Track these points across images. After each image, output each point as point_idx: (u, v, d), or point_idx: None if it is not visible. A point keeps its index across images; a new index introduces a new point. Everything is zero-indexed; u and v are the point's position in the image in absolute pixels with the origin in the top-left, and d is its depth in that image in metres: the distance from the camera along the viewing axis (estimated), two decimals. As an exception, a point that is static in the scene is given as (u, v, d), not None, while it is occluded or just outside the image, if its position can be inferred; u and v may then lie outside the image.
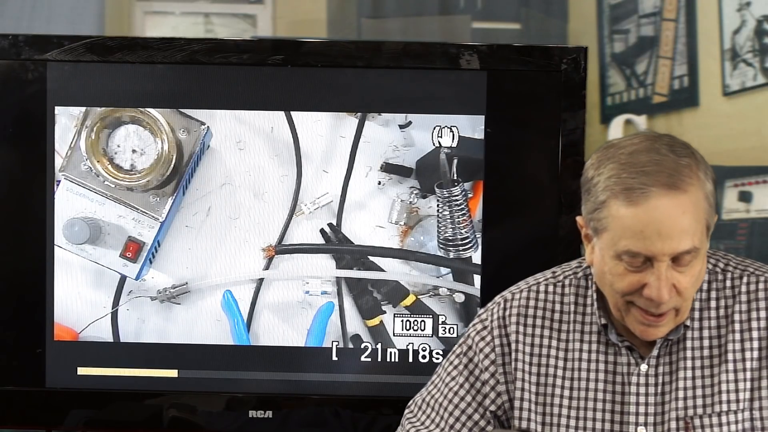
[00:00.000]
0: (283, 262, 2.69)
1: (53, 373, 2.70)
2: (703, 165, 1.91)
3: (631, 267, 1.89)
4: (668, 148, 1.89)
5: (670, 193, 1.85)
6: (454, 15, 3.10)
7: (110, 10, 3.12)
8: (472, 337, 2.12)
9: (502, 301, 2.11)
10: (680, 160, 1.88)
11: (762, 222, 2.95)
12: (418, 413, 2.15)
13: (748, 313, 1.98)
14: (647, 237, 1.85)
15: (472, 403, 2.10)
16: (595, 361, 2.03)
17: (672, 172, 1.86)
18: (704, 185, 1.89)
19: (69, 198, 2.66)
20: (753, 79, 2.93)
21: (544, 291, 2.09)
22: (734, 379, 1.97)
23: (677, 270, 1.88)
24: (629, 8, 3.02)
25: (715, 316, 1.99)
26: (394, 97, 2.66)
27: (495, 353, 2.08)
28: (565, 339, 2.05)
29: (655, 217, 1.84)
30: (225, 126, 2.67)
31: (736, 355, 1.97)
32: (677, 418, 1.97)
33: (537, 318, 2.07)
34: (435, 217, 2.68)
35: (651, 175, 1.85)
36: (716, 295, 2.00)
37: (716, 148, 2.97)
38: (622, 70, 3.04)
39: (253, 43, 2.75)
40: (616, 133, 3.02)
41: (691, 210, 1.86)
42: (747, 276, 2.01)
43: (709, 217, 1.90)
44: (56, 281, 2.68)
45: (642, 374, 1.99)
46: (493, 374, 2.08)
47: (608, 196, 1.88)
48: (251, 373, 2.70)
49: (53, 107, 2.66)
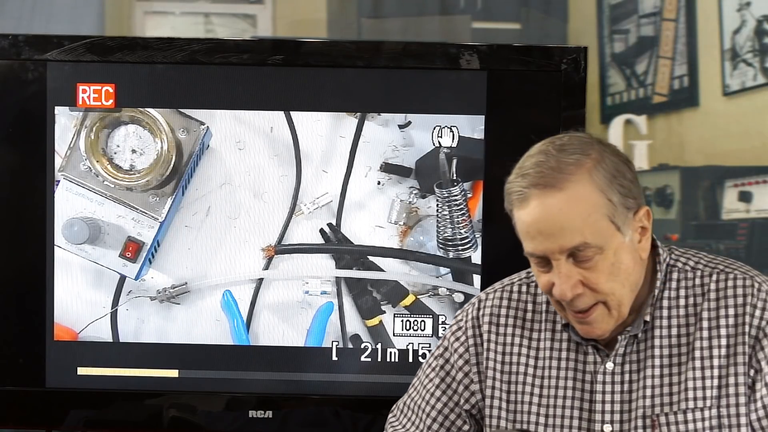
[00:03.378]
0: (283, 262, 2.69)
1: (53, 373, 2.70)
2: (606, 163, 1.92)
3: (539, 268, 1.94)
4: (559, 147, 1.92)
5: (545, 192, 1.88)
6: (454, 15, 3.10)
7: (110, 10, 3.13)
8: (448, 338, 2.14)
9: (477, 301, 2.13)
10: (566, 158, 1.90)
11: (762, 222, 2.95)
12: (399, 416, 2.18)
13: (717, 311, 1.98)
14: (533, 237, 1.90)
15: (449, 403, 2.11)
16: (565, 359, 2.03)
17: (550, 171, 1.89)
18: (598, 182, 1.90)
19: (68, 198, 2.66)
20: (753, 79, 2.93)
21: (517, 291, 2.11)
22: (701, 376, 1.96)
23: (582, 267, 1.90)
24: (629, 8, 3.03)
25: (684, 314, 2.00)
26: (394, 97, 2.66)
27: (469, 353, 2.10)
28: (537, 338, 2.07)
29: (534, 217, 1.89)
30: (225, 126, 2.67)
31: (703, 352, 1.97)
32: (644, 415, 1.97)
33: (509, 318, 2.09)
34: (434, 217, 2.68)
35: (528, 177, 1.90)
36: (685, 293, 2.00)
37: (716, 148, 2.97)
38: (622, 70, 3.04)
39: (253, 43, 2.75)
40: (616, 133, 3.03)
41: (572, 207, 1.88)
42: (716, 274, 2.01)
43: (611, 212, 1.90)
44: (56, 281, 2.68)
45: (608, 372, 2.00)
46: (467, 374, 2.10)
47: (508, 202, 1.95)
48: (251, 373, 2.70)
49: (53, 107, 2.66)
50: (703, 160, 3.01)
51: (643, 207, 1.96)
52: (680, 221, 3.06)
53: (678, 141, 3.01)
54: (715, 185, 3.00)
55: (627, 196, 1.92)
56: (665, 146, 3.00)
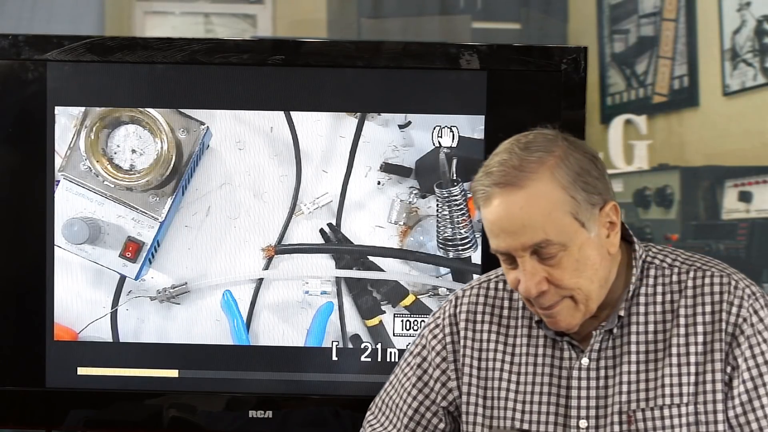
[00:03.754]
0: (283, 262, 2.69)
1: (53, 373, 2.70)
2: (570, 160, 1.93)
3: (506, 265, 1.96)
4: (522, 146, 1.94)
5: (505, 190, 1.90)
6: (454, 15, 3.10)
7: (110, 10, 3.13)
8: (426, 336, 2.14)
9: (454, 298, 2.14)
10: (528, 156, 1.92)
11: (762, 222, 2.95)
12: (377, 413, 2.18)
13: (694, 308, 1.99)
14: (497, 235, 1.92)
15: (425, 402, 2.12)
16: (542, 356, 2.04)
17: (511, 169, 1.91)
18: (556, 179, 1.91)
19: (68, 198, 2.66)
20: (753, 79, 2.93)
21: (494, 288, 2.12)
22: (678, 372, 1.97)
23: (546, 264, 1.92)
24: (629, 8, 3.03)
25: (661, 310, 2.00)
26: (394, 97, 2.66)
27: (446, 350, 2.10)
28: (513, 335, 2.07)
29: (495, 215, 1.91)
30: (225, 126, 2.67)
31: (680, 348, 1.97)
32: (620, 411, 1.97)
33: (485, 314, 2.10)
34: (434, 217, 2.68)
35: (490, 176, 1.92)
36: (662, 289, 2.01)
37: (716, 148, 2.98)
38: (622, 70, 3.04)
39: (253, 43, 2.75)
40: (616, 133, 3.03)
41: (532, 204, 1.90)
42: (694, 271, 2.01)
43: (574, 209, 1.91)
44: (56, 281, 2.68)
45: (583, 368, 2.00)
46: (444, 371, 2.10)
47: (474, 200, 1.97)
48: (251, 373, 2.70)
49: (53, 107, 2.66)
50: (703, 160, 3.01)
51: (610, 202, 1.96)
52: (680, 221, 3.06)
53: (678, 141, 3.01)
54: (715, 185, 3.00)
55: (591, 192, 1.93)
56: (665, 146, 3.00)
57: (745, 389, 1.96)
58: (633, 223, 3.15)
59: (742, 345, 1.96)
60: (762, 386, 1.96)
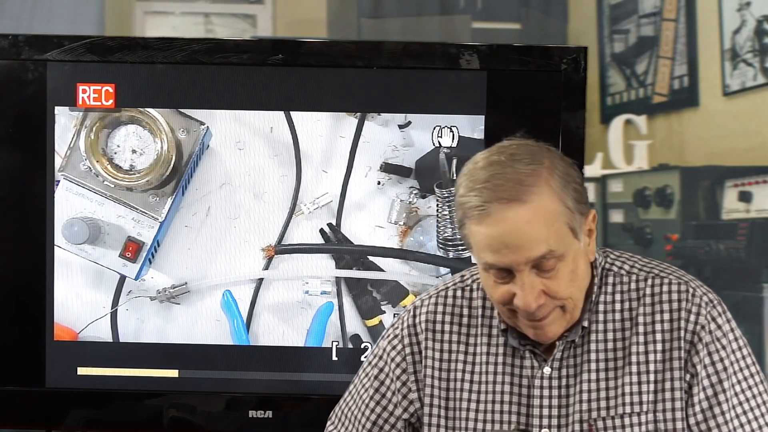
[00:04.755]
0: (283, 262, 2.69)
1: (53, 373, 2.70)
2: (561, 170, 1.91)
3: (498, 279, 1.91)
4: (513, 158, 1.91)
5: (511, 206, 1.86)
6: (454, 15, 3.10)
7: (110, 10, 3.13)
8: (383, 348, 2.12)
9: (413, 308, 2.11)
10: (524, 168, 1.89)
11: (762, 222, 2.95)
12: (337, 424, 2.16)
13: (652, 315, 1.98)
14: (498, 250, 1.87)
15: (383, 414, 2.09)
16: (502, 364, 2.02)
17: (512, 183, 1.88)
18: (556, 190, 1.89)
19: (68, 198, 2.67)
20: (753, 79, 2.93)
21: (452, 296, 2.08)
22: (638, 381, 1.96)
23: (543, 276, 1.89)
24: (629, 8, 3.03)
25: (620, 318, 1.99)
26: (394, 97, 2.66)
27: (406, 362, 2.08)
28: (473, 343, 2.05)
29: (499, 231, 1.87)
30: (224, 126, 2.67)
31: (639, 357, 1.97)
32: (581, 420, 1.96)
33: (445, 324, 2.07)
34: (434, 217, 2.68)
35: (491, 191, 1.88)
36: (621, 297, 2.00)
37: (716, 148, 2.98)
38: (622, 70, 3.04)
39: (253, 43, 2.75)
40: (616, 133, 3.03)
41: (538, 218, 1.87)
42: (651, 278, 2.00)
43: (570, 219, 1.90)
44: (56, 281, 2.68)
45: (545, 377, 1.99)
46: (405, 383, 2.08)
47: (462, 215, 1.91)
48: (251, 373, 2.70)
49: (53, 107, 2.66)
50: (703, 160, 3.01)
51: (592, 210, 1.96)
52: (680, 221, 3.06)
53: (678, 141, 3.01)
54: (715, 185, 3.00)
55: (580, 201, 1.92)
56: (665, 146, 3.00)
57: (705, 396, 1.96)
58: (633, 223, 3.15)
59: (701, 352, 1.96)
60: (722, 392, 1.96)
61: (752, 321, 2.95)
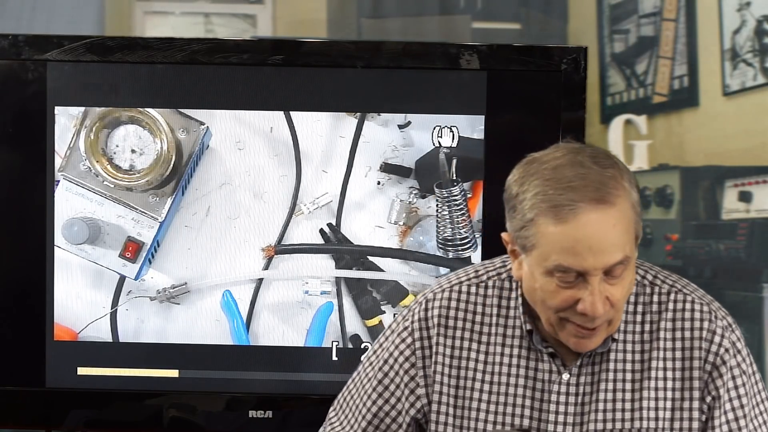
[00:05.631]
0: (283, 262, 2.69)
1: (53, 373, 2.70)
2: (627, 174, 1.89)
3: (563, 283, 1.86)
4: (591, 160, 1.86)
5: (599, 208, 1.82)
6: (454, 15, 3.10)
7: (110, 10, 3.13)
8: (392, 340, 2.06)
9: (424, 301, 2.06)
10: (605, 171, 1.85)
11: (762, 222, 2.95)
12: (338, 411, 2.12)
13: (673, 332, 1.96)
14: (578, 253, 1.82)
15: (384, 407, 2.05)
16: (516, 366, 1.99)
17: (598, 185, 1.83)
18: (630, 195, 1.87)
19: (68, 198, 2.67)
20: (753, 79, 2.93)
21: (466, 292, 2.03)
22: (655, 397, 1.94)
23: (609, 282, 1.85)
24: (629, 8, 3.02)
25: (640, 330, 1.97)
26: (394, 97, 2.66)
27: (415, 356, 2.03)
28: (486, 342, 2.01)
29: (585, 233, 1.82)
30: (224, 126, 2.67)
31: (659, 372, 1.95)
32: (595, 430, 1.95)
33: (458, 320, 2.02)
34: (434, 217, 2.68)
35: (578, 191, 1.83)
36: (642, 309, 1.98)
37: (716, 148, 2.97)
38: (622, 70, 3.04)
39: (253, 43, 2.75)
40: (616, 133, 3.03)
41: (621, 222, 1.84)
42: (675, 293, 1.98)
43: (636, 226, 1.88)
44: (56, 281, 2.68)
45: (564, 383, 1.96)
46: (413, 377, 2.03)
47: (536, 213, 1.85)
48: (251, 373, 2.70)
49: (53, 107, 2.66)
50: (703, 160, 3.01)
51: None
52: (680, 221, 3.06)
53: (678, 141, 3.01)
54: (715, 185, 3.00)
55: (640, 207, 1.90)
56: (665, 146, 3.00)
57: (726, 420, 1.95)
58: (633, 223, 3.14)
59: (725, 376, 1.95)
60: (743, 417, 1.95)
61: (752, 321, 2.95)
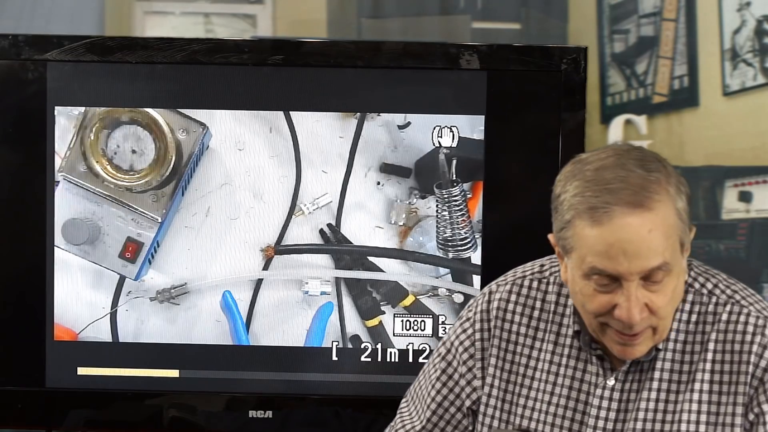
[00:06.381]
0: (283, 263, 2.69)
1: (53, 373, 2.70)
2: (675, 179, 1.86)
3: (600, 287, 1.84)
4: (637, 162, 1.84)
5: (636, 212, 1.80)
6: (454, 15, 3.09)
7: (110, 10, 3.12)
8: (456, 330, 2.08)
9: (488, 293, 2.07)
10: (649, 175, 1.83)
11: (762, 222, 2.95)
12: (409, 401, 2.13)
13: (723, 344, 1.93)
14: (613, 257, 1.80)
15: (449, 396, 2.06)
16: (565, 366, 1.98)
17: (638, 189, 1.81)
18: (675, 200, 1.84)
19: (68, 198, 2.67)
20: (753, 79, 2.93)
21: (528, 286, 2.04)
22: (698, 409, 1.92)
23: (649, 289, 1.83)
24: (629, 8, 3.02)
25: (691, 340, 1.94)
26: (394, 97, 2.66)
27: (474, 347, 2.04)
28: (540, 339, 2.01)
29: (620, 236, 1.80)
30: (224, 126, 2.67)
31: (703, 385, 1.92)
32: None
33: (516, 314, 2.03)
34: (434, 217, 2.68)
35: (615, 193, 1.81)
36: (696, 318, 1.95)
37: (716, 148, 2.97)
38: (622, 70, 3.03)
39: (253, 43, 2.75)
40: (616, 133, 3.03)
41: (659, 227, 1.81)
42: (731, 305, 1.94)
43: (682, 233, 1.85)
44: (56, 281, 2.68)
45: (608, 388, 1.95)
46: (470, 368, 2.05)
47: (573, 215, 1.84)
48: (251, 373, 2.70)
49: (53, 107, 2.66)
50: (703, 160, 3.01)
51: (693, 226, 1.90)
52: (680, 221, 3.05)
53: (678, 141, 3.01)
54: (715, 185, 3.00)
55: (688, 214, 1.87)
56: (665, 146, 3.00)
57: None
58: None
59: None
60: None
61: (752, 321, 2.94)
